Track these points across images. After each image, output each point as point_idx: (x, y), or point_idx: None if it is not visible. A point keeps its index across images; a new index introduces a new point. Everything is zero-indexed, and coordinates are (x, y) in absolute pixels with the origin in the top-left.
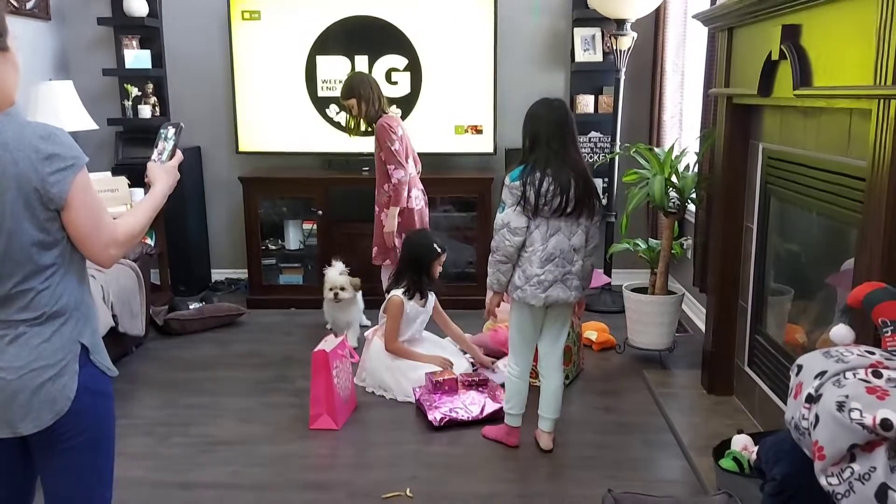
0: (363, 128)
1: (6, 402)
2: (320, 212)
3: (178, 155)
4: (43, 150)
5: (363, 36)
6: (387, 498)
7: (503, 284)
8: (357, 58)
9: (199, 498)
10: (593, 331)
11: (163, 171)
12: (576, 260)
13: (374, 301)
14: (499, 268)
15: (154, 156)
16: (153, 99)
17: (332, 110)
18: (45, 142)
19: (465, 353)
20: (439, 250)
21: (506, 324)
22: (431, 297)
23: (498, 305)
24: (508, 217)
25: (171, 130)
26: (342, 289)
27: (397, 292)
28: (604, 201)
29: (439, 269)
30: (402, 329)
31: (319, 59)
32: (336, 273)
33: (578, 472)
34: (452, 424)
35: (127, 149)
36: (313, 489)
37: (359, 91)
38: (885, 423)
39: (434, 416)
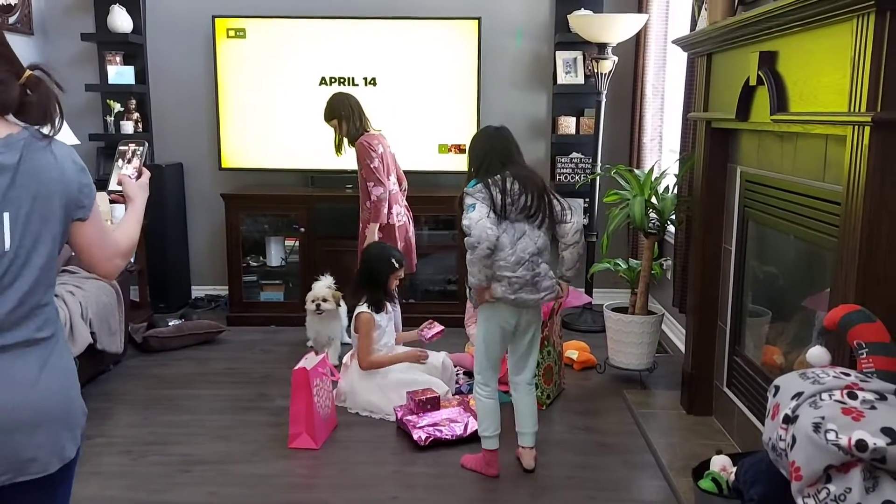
0: (346, 146)
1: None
2: (302, 228)
3: (146, 171)
4: (78, 162)
5: (347, 56)
6: None
7: (488, 277)
8: (341, 76)
9: None
10: (574, 350)
11: (138, 187)
12: (541, 262)
13: None
14: (484, 262)
15: (130, 172)
16: (136, 115)
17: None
18: (74, 154)
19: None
20: (397, 265)
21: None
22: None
23: (489, 297)
24: (482, 213)
25: (143, 149)
26: (324, 300)
27: (363, 308)
28: (585, 221)
29: (396, 282)
30: (376, 341)
31: (304, 77)
32: (322, 285)
33: (559, 492)
34: (436, 444)
35: (108, 164)
36: None
37: (339, 112)
38: (861, 444)
39: (419, 435)
